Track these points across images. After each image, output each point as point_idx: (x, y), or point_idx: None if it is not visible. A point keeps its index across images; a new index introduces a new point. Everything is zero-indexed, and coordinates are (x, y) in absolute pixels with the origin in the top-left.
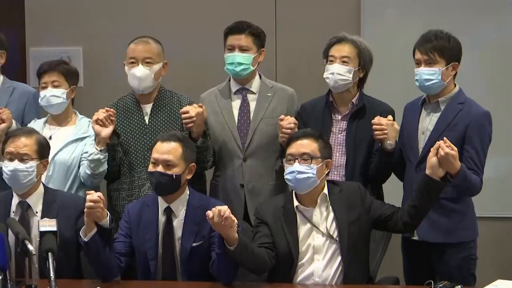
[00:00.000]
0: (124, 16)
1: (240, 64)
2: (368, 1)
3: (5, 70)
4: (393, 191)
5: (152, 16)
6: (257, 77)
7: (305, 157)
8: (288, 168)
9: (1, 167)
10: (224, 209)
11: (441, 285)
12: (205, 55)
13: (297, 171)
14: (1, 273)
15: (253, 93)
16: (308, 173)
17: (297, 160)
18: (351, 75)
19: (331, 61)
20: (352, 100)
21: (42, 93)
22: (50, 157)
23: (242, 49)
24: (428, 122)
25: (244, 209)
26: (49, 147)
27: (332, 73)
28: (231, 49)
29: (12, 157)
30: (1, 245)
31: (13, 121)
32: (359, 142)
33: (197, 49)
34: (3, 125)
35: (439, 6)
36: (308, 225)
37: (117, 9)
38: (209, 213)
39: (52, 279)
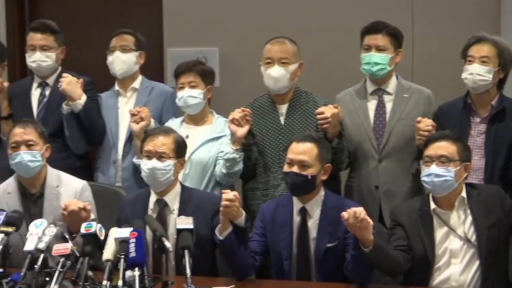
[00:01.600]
0: (260, 16)
1: (376, 64)
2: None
3: (143, 70)
4: None
5: (288, 16)
6: (393, 77)
7: (443, 160)
8: (425, 170)
9: (140, 165)
10: (360, 210)
11: None
12: (341, 55)
13: (435, 173)
14: (139, 269)
15: (389, 94)
16: (445, 176)
17: (434, 162)
18: (490, 76)
19: (470, 61)
20: (492, 102)
21: (180, 94)
22: (187, 156)
23: (379, 49)
24: None
25: (379, 211)
26: (186, 146)
27: (471, 74)
28: (368, 49)
29: (151, 155)
30: (139, 242)
31: (152, 119)
32: (498, 145)
33: (333, 49)
34: (142, 123)
35: None
36: (445, 228)
37: (253, 9)
38: (344, 214)
39: (188, 276)
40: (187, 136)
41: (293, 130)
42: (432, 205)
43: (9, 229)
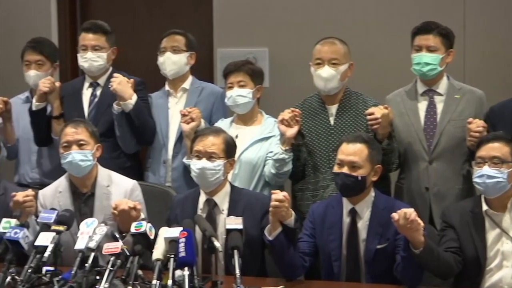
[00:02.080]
0: (310, 17)
1: (427, 64)
2: None
3: (193, 71)
4: None
5: (338, 17)
6: (444, 78)
7: (496, 161)
8: (477, 172)
9: (190, 165)
10: (410, 211)
11: None
12: (392, 55)
13: (487, 175)
14: (189, 269)
15: (440, 94)
16: (498, 177)
17: (487, 164)
18: None
19: None
20: None
21: (229, 93)
22: (236, 156)
23: (430, 49)
24: None
25: (429, 212)
26: (236, 146)
27: None
28: (419, 49)
29: (200, 155)
30: (189, 242)
31: (202, 120)
32: None
33: (384, 50)
34: (193, 123)
35: None
36: (497, 230)
37: (303, 10)
38: (395, 215)
39: (237, 276)
40: (236, 136)
41: (342, 131)
42: (484, 207)
43: (61, 228)
